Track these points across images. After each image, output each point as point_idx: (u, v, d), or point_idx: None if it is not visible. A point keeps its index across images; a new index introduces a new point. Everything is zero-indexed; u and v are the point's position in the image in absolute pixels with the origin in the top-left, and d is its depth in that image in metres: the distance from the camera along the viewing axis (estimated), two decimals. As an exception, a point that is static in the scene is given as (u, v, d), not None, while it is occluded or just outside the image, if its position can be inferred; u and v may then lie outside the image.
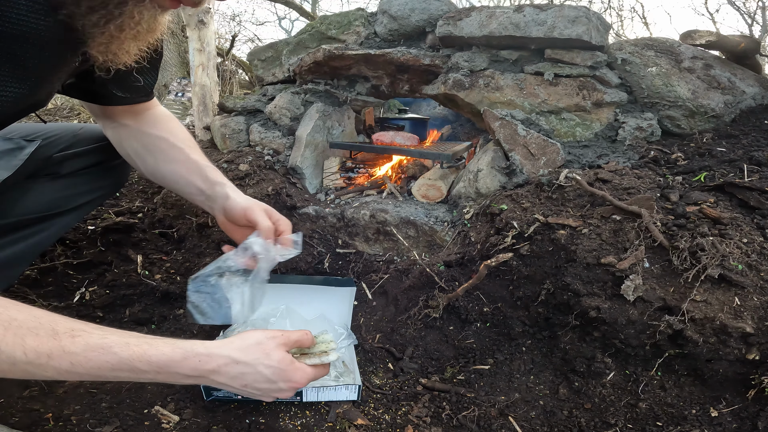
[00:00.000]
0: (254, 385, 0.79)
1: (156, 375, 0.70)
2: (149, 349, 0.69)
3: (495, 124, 1.79)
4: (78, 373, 0.65)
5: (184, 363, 0.72)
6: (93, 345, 0.66)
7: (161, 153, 1.09)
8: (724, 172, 1.46)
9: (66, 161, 1.12)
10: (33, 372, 0.63)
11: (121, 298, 1.61)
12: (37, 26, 0.70)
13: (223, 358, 0.75)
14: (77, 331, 0.66)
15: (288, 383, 0.82)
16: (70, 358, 0.64)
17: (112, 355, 0.66)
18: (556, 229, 1.38)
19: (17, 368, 0.61)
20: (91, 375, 0.66)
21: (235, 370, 0.77)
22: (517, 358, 1.39)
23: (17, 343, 0.61)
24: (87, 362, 0.65)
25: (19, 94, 0.76)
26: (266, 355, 0.79)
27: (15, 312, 0.64)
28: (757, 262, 1.16)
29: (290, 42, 2.30)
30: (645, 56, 1.82)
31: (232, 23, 9.18)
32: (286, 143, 2.12)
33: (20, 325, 0.62)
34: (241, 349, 0.78)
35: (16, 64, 0.73)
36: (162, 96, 4.14)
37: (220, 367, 0.75)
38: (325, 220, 1.86)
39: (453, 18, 1.84)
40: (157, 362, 0.70)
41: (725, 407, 1.13)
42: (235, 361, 0.76)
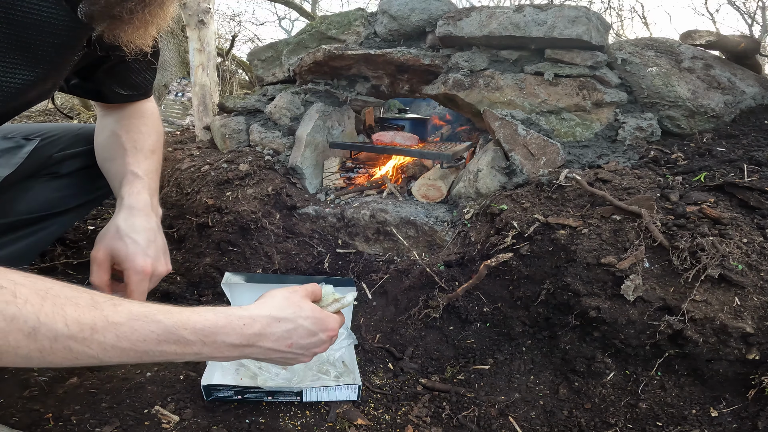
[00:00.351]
0: (299, 341, 0.77)
1: (202, 347, 0.66)
2: (192, 315, 0.66)
3: (495, 124, 1.79)
4: (122, 348, 0.59)
5: (228, 328, 0.68)
6: (136, 313, 0.61)
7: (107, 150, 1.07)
8: (724, 172, 1.46)
9: (66, 161, 1.12)
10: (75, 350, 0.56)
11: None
12: (48, 14, 0.71)
13: (265, 318, 0.73)
14: (117, 300, 0.62)
15: (326, 332, 0.81)
16: (115, 330, 0.58)
17: (157, 323, 0.61)
18: (556, 229, 1.38)
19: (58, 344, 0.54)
20: (136, 351, 0.61)
21: (279, 329, 0.75)
22: (517, 358, 1.39)
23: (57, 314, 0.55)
24: (132, 333, 0.59)
25: (29, 81, 0.76)
26: (300, 307, 0.79)
27: (49, 283, 0.58)
28: (757, 262, 1.16)
29: (290, 42, 2.30)
30: (645, 56, 1.82)
31: (232, 23, 9.20)
32: (286, 143, 2.12)
33: (57, 294, 0.57)
34: (276, 307, 0.76)
35: (27, 51, 0.73)
36: (162, 96, 4.14)
37: (265, 329, 0.73)
38: (325, 220, 1.86)
39: (453, 18, 1.84)
40: (202, 329, 0.66)
41: (725, 407, 1.13)
42: (276, 319, 0.75)
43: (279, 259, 1.72)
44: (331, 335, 0.83)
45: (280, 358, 0.79)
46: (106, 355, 0.59)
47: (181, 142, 2.59)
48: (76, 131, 1.16)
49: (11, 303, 0.52)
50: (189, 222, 1.80)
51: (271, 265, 1.72)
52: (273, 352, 0.76)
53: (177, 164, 2.05)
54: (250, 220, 1.73)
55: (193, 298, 1.67)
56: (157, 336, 0.61)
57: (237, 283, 1.47)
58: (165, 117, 3.53)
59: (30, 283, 0.56)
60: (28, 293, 0.54)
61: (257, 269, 1.71)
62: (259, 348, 0.73)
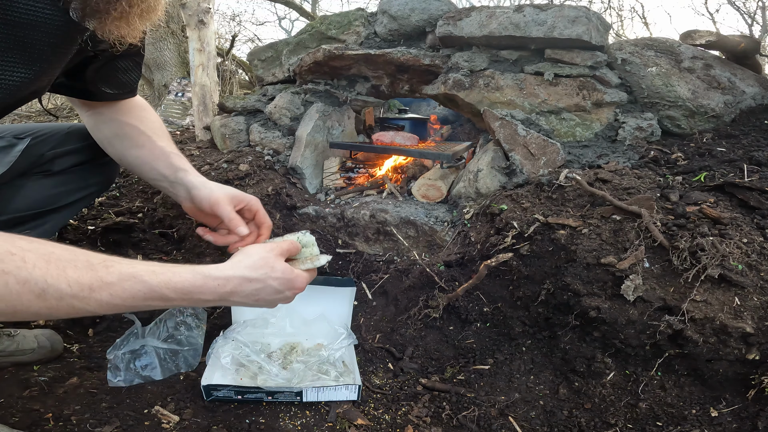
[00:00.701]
0: (265, 298, 0.85)
1: (181, 302, 0.75)
2: (173, 277, 0.73)
3: (495, 124, 1.79)
4: (116, 304, 0.67)
5: (204, 288, 0.76)
6: (126, 274, 0.68)
7: (129, 139, 1.11)
8: (724, 172, 1.46)
9: (57, 159, 1.14)
10: (77, 306, 0.63)
11: (121, 298, 1.60)
12: (44, 15, 0.74)
13: (237, 278, 0.80)
14: (108, 261, 0.69)
15: (292, 291, 0.89)
16: (109, 289, 0.66)
17: (143, 284, 0.69)
18: (556, 229, 1.38)
19: (63, 303, 0.62)
20: (127, 306, 0.69)
21: (249, 288, 0.82)
22: (517, 358, 1.39)
23: (61, 276, 0.62)
24: (123, 292, 0.67)
25: (26, 79, 0.80)
26: (272, 268, 0.85)
27: (50, 246, 0.64)
28: (757, 262, 1.16)
29: (290, 42, 2.30)
30: (645, 56, 1.82)
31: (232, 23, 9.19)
32: (286, 143, 2.12)
33: (59, 257, 0.63)
34: (250, 267, 0.83)
35: (24, 50, 0.76)
36: (162, 96, 4.14)
37: (236, 288, 0.80)
38: (325, 220, 1.86)
39: (453, 18, 1.84)
40: (182, 288, 0.74)
41: (725, 407, 1.13)
42: (248, 280, 0.82)
43: (279, 259, 1.72)
44: (295, 293, 0.91)
45: (247, 305, 0.87)
46: (102, 310, 0.67)
47: (181, 142, 2.59)
48: (66, 130, 1.18)
49: (22, 268, 0.59)
50: (189, 222, 1.80)
51: (271, 265, 1.72)
52: (241, 304, 0.85)
53: (177, 164, 2.04)
54: (250, 220, 1.73)
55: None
56: (143, 294, 0.70)
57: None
58: (165, 117, 3.53)
59: (35, 248, 0.62)
60: (35, 258, 0.61)
61: (257, 269, 1.71)
62: (230, 301, 0.83)
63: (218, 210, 1.02)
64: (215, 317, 1.61)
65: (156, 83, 4.50)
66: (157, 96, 4.45)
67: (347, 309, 1.55)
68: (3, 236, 0.61)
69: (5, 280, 0.57)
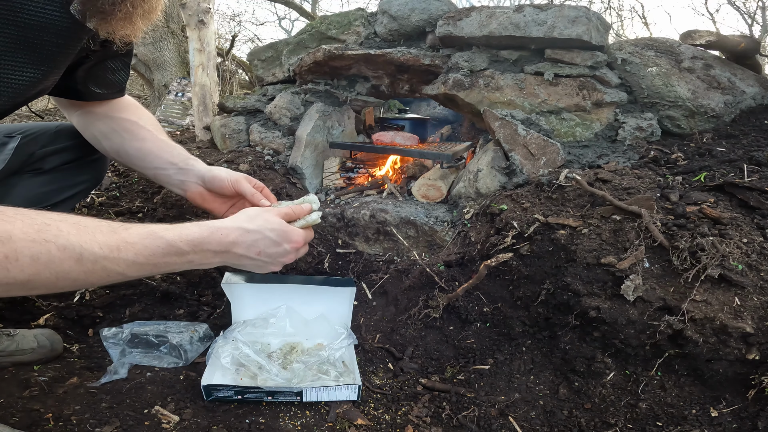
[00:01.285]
0: (266, 250, 0.89)
1: (194, 255, 0.79)
2: (184, 230, 0.79)
3: (495, 124, 1.79)
4: (140, 263, 0.71)
5: (211, 238, 0.81)
6: (143, 233, 0.73)
7: (128, 133, 1.14)
8: (724, 172, 1.46)
9: (48, 157, 1.16)
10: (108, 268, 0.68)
11: (121, 298, 1.60)
12: (52, 17, 0.77)
13: (237, 229, 0.85)
14: (126, 225, 0.73)
15: (290, 244, 0.92)
16: (133, 249, 0.70)
17: (160, 238, 0.74)
18: (556, 229, 1.38)
19: (98, 266, 0.66)
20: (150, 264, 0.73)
21: (249, 238, 0.86)
22: (517, 358, 1.39)
23: (92, 240, 0.66)
24: (145, 249, 0.72)
25: (34, 79, 0.83)
26: (267, 221, 0.90)
27: (76, 217, 0.70)
28: (757, 262, 1.16)
29: (290, 42, 2.30)
30: (645, 56, 1.82)
31: (232, 23, 9.19)
32: (286, 143, 2.12)
33: (86, 225, 0.68)
34: (247, 219, 0.88)
35: (33, 51, 0.79)
36: (162, 96, 4.14)
37: (237, 238, 0.84)
38: (325, 220, 1.86)
39: (453, 18, 1.84)
40: (193, 240, 0.78)
41: (725, 407, 1.13)
42: (246, 230, 0.86)
43: (279, 259, 1.73)
44: (295, 247, 0.94)
45: (252, 264, 0.90)
46: (129, 270, 0.71)
47: (181, 142, 2.59)
48: (55, 129, 1.19)
49: (60, 236, 0.63)
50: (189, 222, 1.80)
51: (271, 265, 1.72)
52: (245, 258, 0.87)
53: (177, 164, 2.04)
54: (250, 220, 1.73)
55: (193, 297, 1.67)
56: (162, 250, 0.74)
57: (237, 282, 1.47)
58: (165, 117, 3.53)
59: (65, 218, 0.66)
60: (68, 227, 0.65)
61: (257, 269, 1.71)
62: (233, 254, 0.85)
63: (241, 187, 1.08)
64: (215, 317, 1.61)
65: (156, 83, 4.50)
66: (157, 96, 4.45)
67: (347, 309, 1.55)
68: (34, 211, 0.64)
69: (47, 248, 0.61)
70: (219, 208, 1.14)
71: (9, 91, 0.80)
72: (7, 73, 0.78)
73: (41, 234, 0.61)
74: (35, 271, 0.60)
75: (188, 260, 0.79)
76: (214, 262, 0.85)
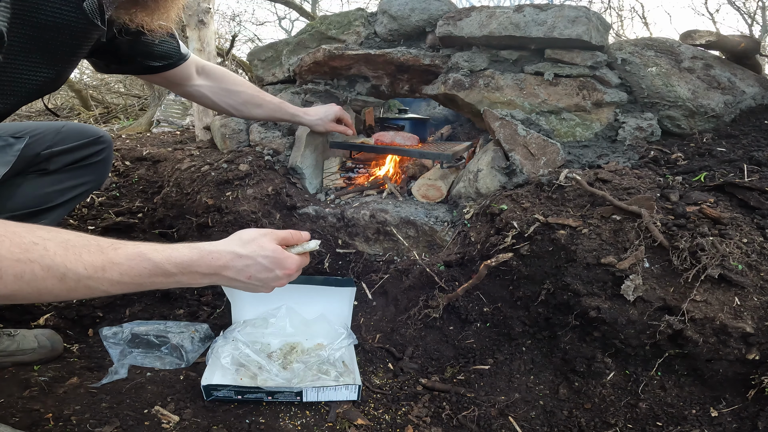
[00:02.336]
0: (257, 275, 0.89)
1: (181, 276, 0.80)
2: (173, 252, 0.79)
3: (495, 124, 1.79)
4: (125, 282, 0.73)
5: (201, 261, 0.81)
6: (131, 254, 0.74)
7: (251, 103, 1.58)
8: (724, 172, 1.46)
9: (53, 158, 1.17)
10: (92, 287, 0.69)
11: (121, 298, 1.61)
12: (68, 18, 0.79)
13: (229, 253, 0.85)
14: (115, 244, 0.74)
15: (282, 270, 0.92)
16: (118, 269, 0.72)
17: (147, 260, 0.75)
18: (556, 229, 1.38)
19: (81, 284, 0.68)
20: (135, 284, 0.74)
21: (240, 263, 0.86)
22: (517, 358, 1.39)
23: (78, 260, 0.68)
24: (131, 270, 0.73)
25: (48, 78, 0.85)
26: (262, 247, 0.89)
27: (65, 234, 0.71)
28: (757, 262, 1.16)
29: (290, 42, 2.30)
30: (645, 56, 1.82)
31: (232, 23, 9.19)
32: (286, 143, 2.12)
33: (74, 244, 0.69)
34: (241, 244, 0.88)
35: (47, 51, 0.81)
36: (162, 96, 4.14)
37: (228, 263, 0.85)
38: (325, 220, 1.86)
39: (453, 18, 1.84)
40: (181, 263, 0.79)
41: (725, 407, 1.13)
42: (238, 255, 0.86)
43: (279, 259, 1.72)
44: (287, 273, 0.94)
45: (242, 286, 0.91)
46: (113, 289, 0.73)
47: (181, 142, 2.60)
48: (59, 128, 1.20)
49: (45, 256, 0.65)
50: (189, 222, 1.80)
51: (271, 265, 1.72)
52: (235, 281, 0.88)
53: (177, 164, 2.05)
54: (250, 220, 1.73)
55: (193, 297, 1.67)
56: (149, 271, 0.75)
57: (237, 283, 1.47)
58: (165, 117, 3.53)
59: (53, 236, 0.68)
60: (55, 246, 0.67)
61: (257, 269, 1.71)
62: (223, 277, 0.86)
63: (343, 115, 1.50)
64: (215, 317, 1.61)
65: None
66: (157, 96, 4.45)
67: (347, 309, 1.55)
68: (24, 227, 0.66)
69: (31, 268, 0.63)
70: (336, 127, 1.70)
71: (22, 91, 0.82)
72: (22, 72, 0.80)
73: (27, 254, 0.63)
74: (18, 287, 0.63)
75: (176, 281, 0.80)
76: (203, 283, 0.86)
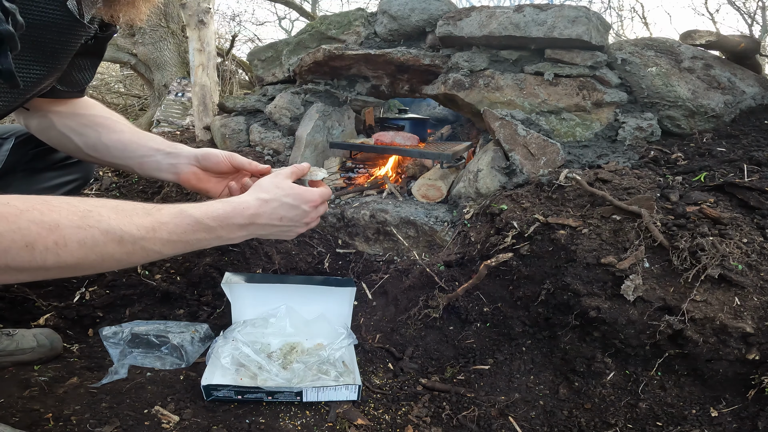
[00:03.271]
0: (287, 215, 0.92)
1: (220, 230, 0.83)
2: (209, 208, 0.82)
3: (495, 124, 1.79)
4: (174, 241, 0.76)
5: (234, 213, 0.84)
6: (174, 212, 0.77)
7: (102, 127, 1.11)
8: (724, 172, 1.46)
9: (39, 157, 1.17)
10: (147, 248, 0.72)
11: (121, 298, 1.60)
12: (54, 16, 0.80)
13: (255, 200, 0.89)
14: (157, 206, 0.77)
15: (307, 204, 0.95)
16: (166, 228, 0.74)
17: (189, 217, 0.78)
18: (556, 229, 1.38)
19: (137, 246, 0.71)
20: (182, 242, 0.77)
21: (268, 208, 0.89)
22: (517, 358, 1.39)
23: (131, 223, 0.70)
24: (177, 228, 0.76)
25: (40, 75, 0.86)
26: (280, 187, 0.93)
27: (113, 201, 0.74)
28: (757, 262, 1.16)
29: (290, 42, 2.30)
30: (645, 56, 1.82)
31: (232, 23, 9.19)
32: (286, 143, 2.12)
33: (123, 209, 0.72)
34: (263, 191, 0.92)
35: (39, 50, 0.82)
36: (162, 96, 4.14)
37: (257, 210, 0.88)
38: (325, 220, 1.86)
39: (453, 18, 1.84)
40: (218, 216, 0.82)
41: (725, 407, 1.13)
42: (264, 201, 0.89)
43: (279, 259, 1.72)
44: (313, 205, 0.96)
45: (278, 231, 0.94)
46: (165, 249, 0.75)
47: (181, 142, 2.59)
48: None
49: (102, 221, 0.67)
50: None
51: (271, 265, 1.72)
52: (270, 227, 0.91)
53: (177, 164, 2.04)
54: (250, 220, 1.73)
55: (193, 297, 1.67)
56: (192, 227, 0.78)
57: (237, 283, 1.47)
58: (165, 117, 3.53)
59: (102, 203, 0.71)
60: (108, 212, 0.69)
61: (257, 269, 1.71)
62: (258, 225, 0.89)
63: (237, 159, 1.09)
64: (215, 317, 1.61)
65: (156, 83, 4.50)
66: (157, 96, 4.45)
67: (347, 309, 1.55)
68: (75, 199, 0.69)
69: (92, 233, 0.65)
70: (215, 187, 1.12)
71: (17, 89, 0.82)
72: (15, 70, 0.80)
73: (85, 220, 0.66)
74: (83, 255, 0.65)
75: (217, 236, 0.83)
76: (241, 236, 0.88)
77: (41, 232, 0.61)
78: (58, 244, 0.62)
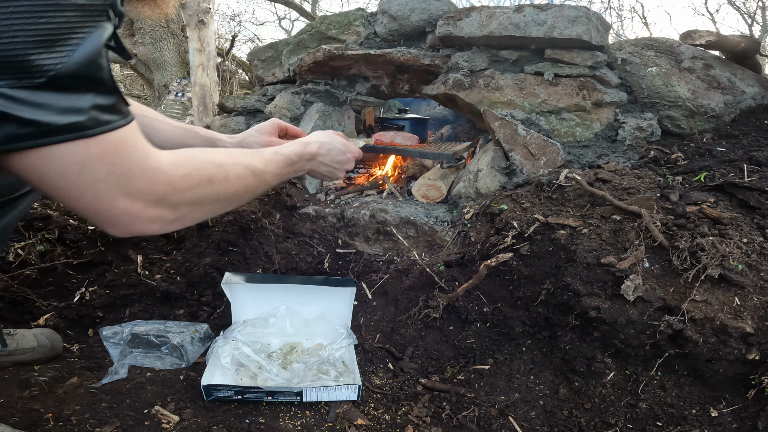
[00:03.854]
0: (337, 158, 1.10)
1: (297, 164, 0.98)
2: (289, 147, 0.98)
3: (495, 124, 1.79)
4: (277, 174, 0.90)
5: (305, 150, 1.01)
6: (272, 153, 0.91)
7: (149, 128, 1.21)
8: (724, 172, 1.46)
9: None
10: (266, 181, 0.85)
11: (121, 298, 1.60)
12: None
13: (317, 142, 1.06)
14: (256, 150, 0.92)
15: (351, 153, 1.15)
16: (273, 165, 0.89)
17: (282, 155, 0.93)
18: (556, 229, 1.38)
19: (263, 179, 0.83)
20: (281, 174, 0.92)
21: (326, 148, 1.07)
22: (517, 358, 1.39)
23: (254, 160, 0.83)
24: (279, 164, 0.90)
25: None
26: (333, 137, 1.12)
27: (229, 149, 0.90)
28: (757, 262, 1.16)
29: (290, 42, 2.30)
30: (645, 56, 1.82)
31: (232, 23, 9.19)
32: (286, 143, 2.12)
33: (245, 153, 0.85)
34: (322, 135, 1.09)
35: None
36: (162, 96, 4.14)
37: (319, 149, 1.05)
38: (325, 220, 1.86)
39: (453, 18, 1.84)
40: (296, 152, 0.98)
41: (725, 407, 1.13)
42: (323, 142, 1.07)
43: (279, 259, 1.72)
44: (354, 156, 1.17)
45: (327, 170, 1.10)
46: (273, 181, 0.89)
47: (181, 142, 2.59)
48: None
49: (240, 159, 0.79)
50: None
51: (271, 265, 1.72)
52: (324, 165, 1.08)
53: (177, 164, 2.04)
54: (250, 220, 1.73)
55: (193, 297, 1.67)
56: (285, 163, 0.93)
57: (237, 283, 1.47)
58: (165, 117, 3.52)
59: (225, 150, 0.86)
60: (236, 153, 0.83)
61: (257, 269, 1.71)
62: (317, 162, 1.06)
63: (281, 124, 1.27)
64: (215, 317, 1.61)
65: (156, 83, 4.50)
66: (157, 96, 4.45)
67: (347, 309, 1.55)
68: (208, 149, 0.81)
69: (240, 168, 0.77)
70: None
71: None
72: None
73: (231, 159, 0.78)
74: (236, 187, 0.76)
75: (294, 170, 0.98)
76: (306, 168, 1.05)
77: (213, 168, 0.72)
78: (227, 177, 0.74)
